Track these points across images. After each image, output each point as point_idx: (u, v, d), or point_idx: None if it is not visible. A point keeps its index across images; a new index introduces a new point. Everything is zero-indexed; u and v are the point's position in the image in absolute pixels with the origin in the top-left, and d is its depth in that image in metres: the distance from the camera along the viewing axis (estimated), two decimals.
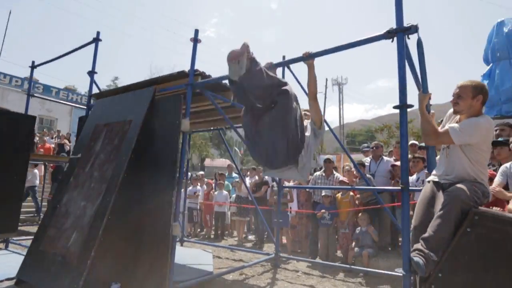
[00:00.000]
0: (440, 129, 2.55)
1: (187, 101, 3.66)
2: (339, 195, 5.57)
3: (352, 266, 4.70)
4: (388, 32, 2.34)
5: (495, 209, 2.71)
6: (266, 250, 6.38)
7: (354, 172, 5.78)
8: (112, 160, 3.68)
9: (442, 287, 2.14)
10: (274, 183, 6.32)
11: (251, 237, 7.69)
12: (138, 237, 3.48)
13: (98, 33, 5.12)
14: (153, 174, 3.55)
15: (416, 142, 6.07)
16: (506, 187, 3.23)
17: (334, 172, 5.96)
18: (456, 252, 2.13)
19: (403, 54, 2.32)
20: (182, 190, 5.29)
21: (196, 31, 3.83)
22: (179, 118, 3.54)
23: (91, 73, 5.01)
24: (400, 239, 5.23)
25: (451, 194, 2.24)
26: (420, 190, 3.90)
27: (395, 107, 2.29)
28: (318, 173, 6.13)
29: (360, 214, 5.10)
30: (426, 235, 2.22)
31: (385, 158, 5.34)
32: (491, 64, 6.01)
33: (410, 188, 4.39)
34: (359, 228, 5.08)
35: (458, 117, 2.60)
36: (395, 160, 5.37)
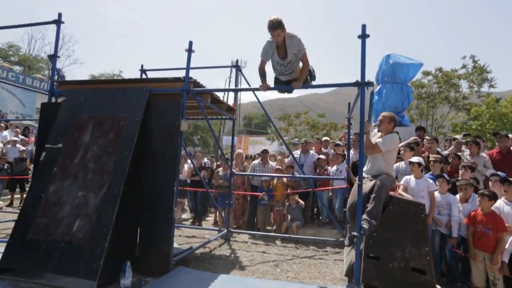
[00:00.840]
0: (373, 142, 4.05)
1: (183, 105, 4.25)
2: (275, 180, 6.92)
3: (290, 235, 6.13)
4: (356, 82, 3.62)
5: (391, 193, 4.44)
6: (204, 226, 7.35)
7: (285, 160, 7.25)
8: (111, 154, 4.01)
9: (374, 240, 3.63)
10: (220, 169, 7.27)
11: (184, 216, 8.46)
12: (141, 222, 4.02)
13: (60, 14, 4.91)
14: (155, 167, 4.08)
15: (328, 139, 7.93)
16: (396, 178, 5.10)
17: (269, 161, 7.28)
18: (384, 220, 3.65)
19: (363, 98, 3.64)
20: None
21: (190, 43, 4.39)
22: (179, 119, 4.14)
23: (53, 57, 4.84)
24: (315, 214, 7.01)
25: (380, 184, 3.74)
26: (340, 179, 5.57)
27: (355, 133, 3.62)
28: (256, 161, 7.34)
29: (291, 195, 6.57)
30: (368, 209, 3.66)
31: (311, 152, 6.92)
32: (380, 85, 8.25)
33: (333, 177, 6.04)
34: (290, 206, 6.55)
35: (379, 134, 4.16)
36: (318, 153, 7.02)
